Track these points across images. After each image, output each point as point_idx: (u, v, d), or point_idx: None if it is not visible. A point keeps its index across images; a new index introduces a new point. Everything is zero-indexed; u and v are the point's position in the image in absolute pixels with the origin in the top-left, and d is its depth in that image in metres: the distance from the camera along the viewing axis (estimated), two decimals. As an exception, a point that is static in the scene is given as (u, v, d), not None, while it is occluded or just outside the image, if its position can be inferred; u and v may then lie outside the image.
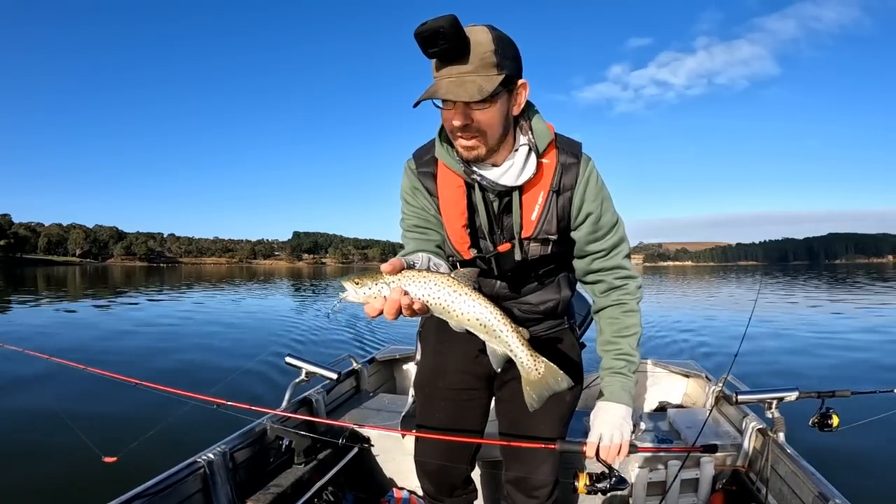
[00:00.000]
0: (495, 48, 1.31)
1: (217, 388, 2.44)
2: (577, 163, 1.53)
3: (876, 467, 4.01)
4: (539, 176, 1.51)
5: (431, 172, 1.61)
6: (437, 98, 1.33)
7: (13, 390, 6.06)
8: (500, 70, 1.33)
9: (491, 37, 1.31)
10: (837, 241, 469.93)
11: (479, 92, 1.28)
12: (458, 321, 1.14)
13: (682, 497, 2.54)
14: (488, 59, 1.30)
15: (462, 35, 1.26)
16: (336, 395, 3.10)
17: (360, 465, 2.73)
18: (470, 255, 1.62)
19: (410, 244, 1.63)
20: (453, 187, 1.56)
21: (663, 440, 2.69)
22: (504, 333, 1.14)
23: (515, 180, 1.49)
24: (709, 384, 3.30)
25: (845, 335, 10.72)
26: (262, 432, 2.43)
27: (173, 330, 11.77)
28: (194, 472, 2.04)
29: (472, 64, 1.30)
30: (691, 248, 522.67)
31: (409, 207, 1.67)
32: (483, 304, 1.13)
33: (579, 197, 1.54)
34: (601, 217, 1.58)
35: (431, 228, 1.65)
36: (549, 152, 1.53)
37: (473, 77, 1.30)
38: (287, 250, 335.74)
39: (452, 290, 1.11)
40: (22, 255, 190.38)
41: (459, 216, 1.57)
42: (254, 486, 2.25)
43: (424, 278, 1.11)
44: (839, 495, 1.91)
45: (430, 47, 1.27)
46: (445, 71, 1.32)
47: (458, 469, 1.96)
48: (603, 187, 1.58)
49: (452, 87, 1.29)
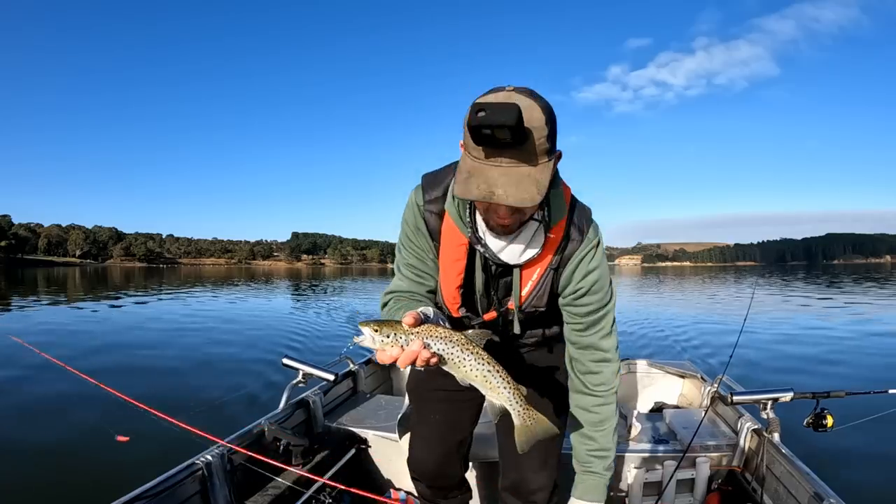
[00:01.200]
0: (549, 132, 1.21)
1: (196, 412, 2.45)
2: (579, 240, 1.50)
3: (870, 467, 4.02)
4: (541, 253, 1.47)
5: (438, 213, 1.52)
6: (494, 202, 1.20)
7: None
8: (551, 156, 1.24)
9: (544, 118, 1.19)
10: (835, 241, 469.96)
11: (539, 191, 1.19)
12: (465, 376, 1.21)
13: (678, 497, 2.55)
14: (543, 146, 1.21)
15: (523, 128, 1.15)
16: (333, 397, 3.10)
17: (357, 466, 2.73)
18: (458, 314, 1.61)
19: (404, 282, 1.61)
20: (456, 244, 1.51)
21: (659, 441, 2.70)
22: (506, 391, 1.23)
23: (517, 259, 1.46)
24: (704, 385, 3.31)
25: (840, 336, 10.76)
26: (260, 434, 2.43)
27: (174, 330, 11.78)
28: (192, 474, 2.04)
29: (527, 153, 1.19)
30: (689, 249, 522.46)
31: (409, 243, 1.61)
32: (490, 364, 1.20)
33: (569, 274, 1.52)
34: (585, 295, 1.53)
35: (427, 273, 1.60)
36: (559, 226, 1.48)
37: (529, 170, 1.19)
38: (286, 251, 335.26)
39: (466, 349, 1.18)
40: (22, 256, 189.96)
41: (456, 276, 1.55)
42: (252, 488, 2.25)
43: (444, 335, 1.17)
44: (834, 495, 1.92)
45: (490, 142, 1.17)
46: (496, 160, 1.19)
47: (454, 470, 1.97)
48: (596, 269, 1.53)
49: (510, 187, 1.18)
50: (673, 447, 2.63)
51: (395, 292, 1.61)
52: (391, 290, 1.62)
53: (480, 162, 1.21)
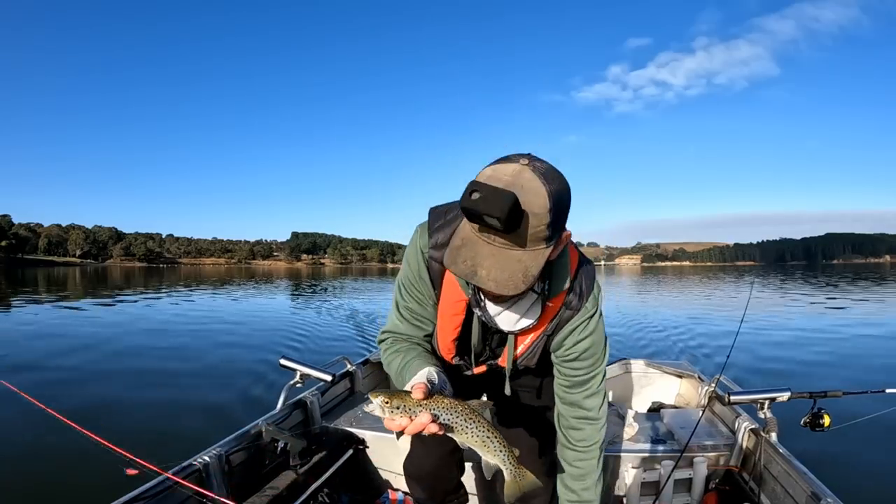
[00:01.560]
0: (550, 220, 1.13)
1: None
2: (577, 310, 1.48)
3: (867, 467, 4.03)
4: (537, 322, 1.46)
5: (441, 265, 1.43)
6: (475, 283, 1.17)
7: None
8: (548, 242, 1.18)
9: (548, 206, 1.12)
10: (835, 241, 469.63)
11: (525, 280, 1.15)
12: (466, 440, 1.26)
13: (676, 497, 2.55)
14: (540, 234, 1.14)
15: (518, 215, 1.09)
16: (331, 397, 3.11)
17: (355, 467, 2.73)
18: (452, 362, 1.62)
19: (402, 325, 1.60)
20: (455, 300, 1.49)
21: (657, 440, 2.70)
22: (501, 454, 1.30)
23: (512, 326, 1.44)
24: (702, 384, 3.32)
25: (837, 336, 10.80)
26: (258, 435, 2.43)
27: (168, 329, 11.82)
28: (190, 475, 2.04)
29: (520, 239, 1.14)
30: (689, 249, 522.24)
31: (410, 287, 1.57)
32: (489, 431, 1.27)
33: (560, 339, 1.52)
34: (575, 360, 1.53)
35: (426, 318, 1.59)
36: (559, 297, 1.46)
37: (520, 255, 1.15)
38: (286, 251, 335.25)
39: (470, 418, 1.24)
40: (23, 256, 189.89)
41: (453, 330, 1.54)
42: (249, 489, 2.24)
43: (450, 405, 1.22)
44: (831, 494, 1.93)
45: (479, 221, 1.12)
46: (487, 237, 1.15)
47: (450, 474, 1.97)
48: (589, 337, 1.52)
49: (494, 270, 1.14)
50: (670, 447, 2.63)
51: (392, 333, 1.61)
52: (389, 330, 1.62)
53: (474, 233, 1.17)
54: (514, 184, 1.10)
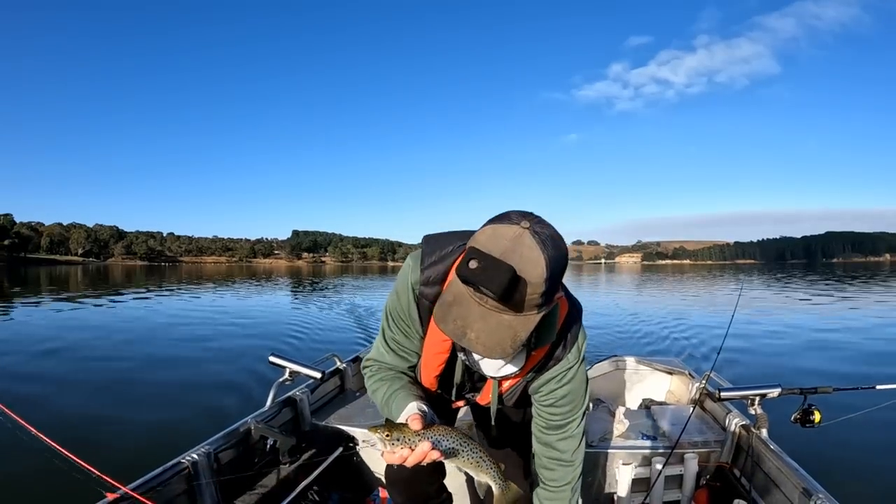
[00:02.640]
0: (544, 290, 1.13)
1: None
2: (560, 360, 1.48)
3: (858, 462, 4.04)
4: (520, 370, 1.45)
5: (431, 303, 1.42)
6: (463, 344, 1.17)
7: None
8: (540, 309, 1.17)
9: (544, 276, 1.11)
10: (834, 239, 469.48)
11: (513, 346, 1.14)
12: (461, 464, 1.33)
13: (667, 493, 2.55)
14: (534, 301, 1.13)
15: (514, 284, 1.09)
16: (321, 395, 3.10)
17: (345, 464, 2.72)
18: (434, 394, 1.65)
19: (388, 356, 1.60)
20: (441, 339, 1.47)
21: (647, 437, 2.69)
22: (491, 471, 1.37)
23: (496, 372, 1.44)
24: (692, 381, 3.32)
25: (828, 332, 10.87)
26: (247, 432, 2.43)
27: (164, 325, 11.84)
28: (179, 473, 2.03)
29: (514, 305, 1.13)
30: (689, 247, 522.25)
31: (398, 319, 1.55)
32: (480, 452, 1.34)
33: (540, 384, 1.53)
34: (552, 405, 1.55)
35: (412, 351, 1.59)
36: (544, 348, 1.45)
37: (511, 319, 1.14)
38: (286, 249, 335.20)
39: (463, 442, 1.31)
40: (25, 255, 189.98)
41: (437, 367, 1.56)
42: (239, 487, 2.24)
43: (447, 433, 1.29)
44: (822, 490, 1.93)
45: (477, 291, 1.12)
46: (480, 297, 1.13)
47: (431, 478, 1.95)
48: (569, 384, 1.52)
49: (483, 333, 1.13)
50: (661, 444, 2.62)
51: (377, 361, 1.62)
52: (374, 359, 1.63)
53: (466, 292, 1.16)
54: (514, 251, 1.09)
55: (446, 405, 1.73)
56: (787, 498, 2.11)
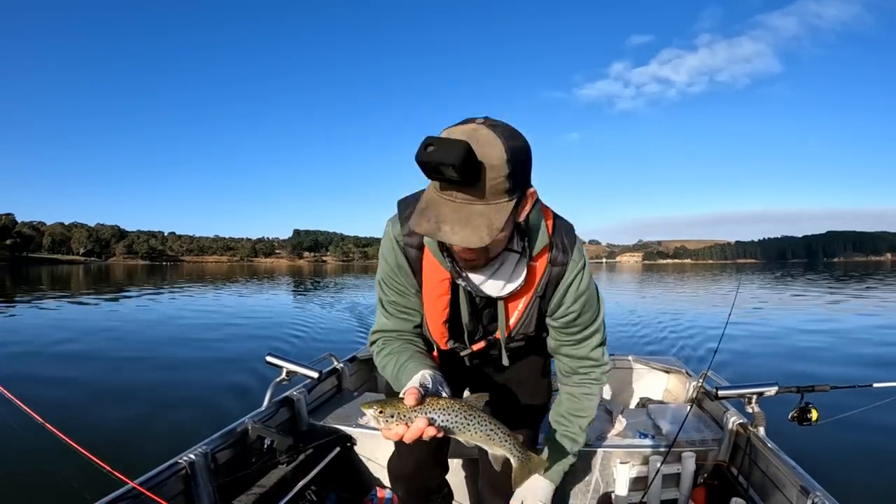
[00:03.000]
0: (509, 172, 1.13)
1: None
2: (564, 265, 1.47)
3: (855, 460, 4.05)
4: (525, 283, 1.44)
5: (418, 246, 1.48)
6: (439, 239, 1.18)
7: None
8: (511, 195, 1.18)
9: (505, 157, 1.12)
10: (836, 239, 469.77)
11: (489, 232, 1.14)
12: (470, 439, 1.25)
13: (664, 492, 2.54)
14: (500, 186, 1.14)
15: (474, 164, 1.09)
16: (317, 395, 3.08)
17: (342, 464, 2.72)
18: (447, 347, 1.60)
19: (390, 321, 1.60)
20: (438, 279, 1.48)
21: (644, 436, 2.69)
22: (506, 443, 1.29)
23: (500, 291, 1.43)
24: (689, 380, 3.32)
25: (825, 330, 10.89)
26: (244, 433, 2.42)
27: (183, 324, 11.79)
28: (176, 474, 2.02)
29: (481, 192, 1.14)
30: (690, 246, 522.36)
31: (390, 280, 1.57)
32: (491, 424, 1.25)
33: (558, 299, 1.51)
34: (578, 317, 1.53)
35: (411, 309, 1.59)
36: (543, 254, 1.45)
37: (482, 208, 1.15)
38: (288, 248, 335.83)
39: (468, 415, 1.22)
40: (27, 255, 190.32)
41: (441, 312, 1.53)
42: (236, 487, 2.23)
43: (445, 406, 1.20)
44: (820, 488, 1.92)
45: (436, 176, 1.12)
46: (448, 194, 1.15)
47: (433, 472, 1.96)
48: (586, 290, 1.51)
49: (458, 225, 1.14)
50: (658, 442, 2.62)
51: (382, 332, 1.61)
52: (378, 330, 1.63)
53: (436, 194, 1.18)
54: (470, 138, 1.10)
55: (461, 365, 1.72)
56: (785, 496, 2.11)
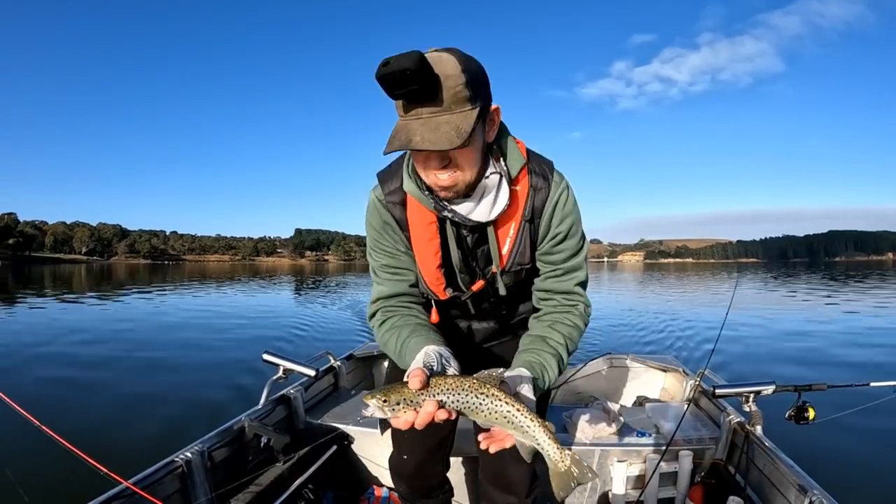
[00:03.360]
0: (466, 80, 1.20)
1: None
2: (547, 186, 1.48)
3: (852, 459, 4.05)
4: (512, 206, 1.46)
5: (401, 202, 1.52)
6: (411, 149, 1.21)
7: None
8: (473, 103, 1.23)
9: (460, 68, 1.19)
10: (837, 238, 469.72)
11: (458, 135, 1.18)
12: (487, 420, 1.14)
13: (662, 490, 2.54)
14: (461, 94, 1.19)
15: (430, 73, 1.15)
16: (314, 393, 3.08)
17: (339, 462, 2.72)
18: (445, 295, 1.58)
19: (385, 286, 1.59)
20: (425, 224, 1.50)
21: (642, 434, 2.69)
22: (532, 429, 1.13)
23: (488, 215, 1.43)
24: (686, 379, 3.33)
25: (823, 329, 10.93)
26: (241, 431, 2.42)
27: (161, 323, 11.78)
28: (172, 472, 2.02)
29: (444, 102, 1.19)
30: (692, 246, 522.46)
31: (378, 245, 1.60)
32: (510, 404, 1.13)
33: (547, 221, 1.50)
34: (565, 239, 1.52)
35: (403, 268, 1.59)
36: (522, 177, 1.47)
37: (448, 117, 1.20)
38: (289, 247, 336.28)
39: (481, 393, 1.12)
40: (30, 254, 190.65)
41: (433, 257, 1.52)
42: (233, 486, 2.23)
43: (454, 385, 1.12)
44: (817, 487, 1.92)
45: (398, 90, 1.16)
46: (415, 112, 1.20)
47: (435, 470, 1.96)
48: (573, 210, 1.52)
49: (427, 133, 1.18)
50: (656, 441, 2.62)
51: (379, 300, 1.60)
52: (376, 299, 1.61)
53: (403, 118, 1.22)
54: (414, 51, 1.14)
55: (467, 333, 1.73)
56: (782, 494, 2.11)
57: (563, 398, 3.47)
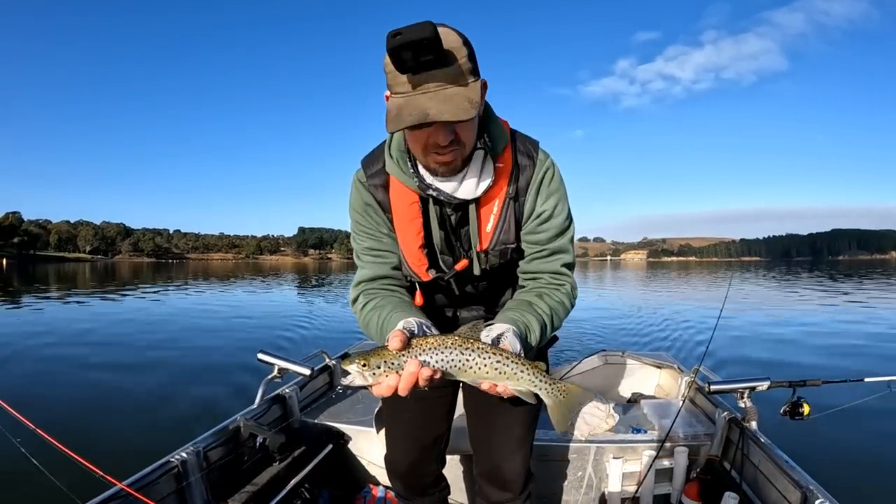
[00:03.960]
0: (468, 52, 1.22)
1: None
2: (532, 164, 1.48)
3: (846, 454, 4.07)
4: (496, 183, 1.45)
5: (383, 184, 1.52)
6: (429, 121, 1.18)
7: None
8: (475, 76, 1.25)
9: (461, 40, 1.21)
10: (840, 237, 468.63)
11: (471, 105, 1.19)
12: (476, 376, 1.11)
13: (657, 486, 2.55)
14: (466, 65, 1.21)
15: (442, 44, 1.15)
16: (309, 392, 3.09)
17: (335, 461, 2.72)
18: (428, 276, 1.56)
19: (368, 268, 1.58)
20: (407, 204, 1.49)
21: (637, 431, 2.70)
22: (524, 373, 1.12)
23: (473, 192, 1.43)
24: (681, 375, 3.32)
25: (817, 326, 11.00)
26: (236, 430, 2.42)
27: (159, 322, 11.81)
28: (168, 472, 2.02)
29: (452, 75, 1.19)
30: (695, 244, 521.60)
31: (361, 227, 1.58)
32: (497, 354, 1.11)
33: (532, 199, 1.49)
34: (550, 217, 1.50)
35: (387, 250, 1.58)
36: (506, 155, 1.46)
37: (457, 89, 1.20)
38: (293, 246, 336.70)
39: (466, 349, 1.09)
40: (35, 253, 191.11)
41: (416, 237, 1.51)
42: (229, 485, 2.23)
43: (437, 344, 1.08)
44: (812, 481, 1.94)
45: (411, 61, 1.15)
46: (422, 87, 1.19)
47: (430, 468, 1.96)
48: (559, 188, 1.51)
49: (441, 105, 1.17)
50: (651, 437, 2.63)
51: (361, 283, 1.59)
52: (358, 281, 1.60)
53: (408, 95, 1.21)
54: (435, 28, 1.14)
55: (451, 318, 1.71)
56: (778, 490, 2.11)
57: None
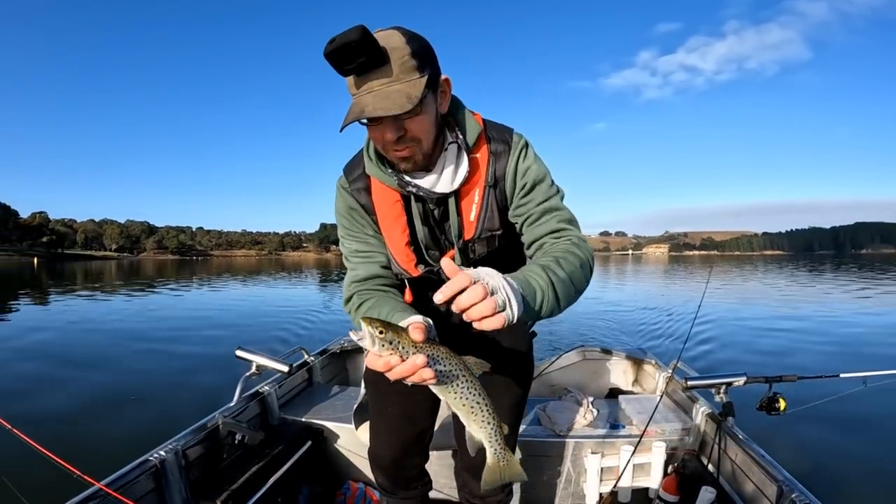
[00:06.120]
0: (412, 50, 1.25)
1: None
2: (507, 149, 1.50)
3: (822, 449, 4.08)
4: (473, 174, 1.47)
5: (365, 188, 1.56)
6: (364, 117, 1.25)
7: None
8: (421, 72, 1.28)
9: (404, 40, 1.25)
10: (864, 230, 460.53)
11: (409, 100, 1.23)
12: (454, 402, 1.14)
13: (636, 481, 2.54)
14: (408, 63, 1.25)
15: (376, 45, 1.20)
16: (288, 389, 3.10)
17: (314, 458, 2.74)
18: (417, 272, 1.58)
19: (359, 269, 1.61)
20: (390, 203, 1.53)
21: (615, 426, 2.69)
22: (488, 427, 1.16)
23: (451, 185, 1.46)
24: (659, 370, 3.31)
25: (795, 322, 11.02)
26: (215, 428, 2.44)
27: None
28: (146, 472, 2.03)
29: (392, 73, 1.24)
30: (717, 238, 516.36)
31: (347, 231, 1.64)
32: (482, 396, 1.14)
33: (511, 180, 1.50)
34: (535, 186, 1.49)
35: (373, 251, 1.61)
36: (480, 146, 1.49)
37: (397, 86, 1.24)
38: (315, 242, 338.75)
39: (464, 374, 1.12)
40: (63, 251, 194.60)
41: (401, 234, 1.54)
42: (208, 483, 2.25)
43: (447, 356, 1.11)
44: (787, 475, 1.95)
45: (346, 64, 1.21)
46: (366, 86, 1.25)
47: (413, 462, 1.97)
48: (534, 162, 1.51)
49: (378, 101, 1.23)
50: (629, 432, 2.62)
51: (354, 283, 1.61)
52: (351, 281, 1.62)
53: (355, 95, 1.27)
54: (363, 30, 1.18)
55: (445, 320, 1.68)
56: (754, 483, 2.12)
57: (537, 390, 3.45)
